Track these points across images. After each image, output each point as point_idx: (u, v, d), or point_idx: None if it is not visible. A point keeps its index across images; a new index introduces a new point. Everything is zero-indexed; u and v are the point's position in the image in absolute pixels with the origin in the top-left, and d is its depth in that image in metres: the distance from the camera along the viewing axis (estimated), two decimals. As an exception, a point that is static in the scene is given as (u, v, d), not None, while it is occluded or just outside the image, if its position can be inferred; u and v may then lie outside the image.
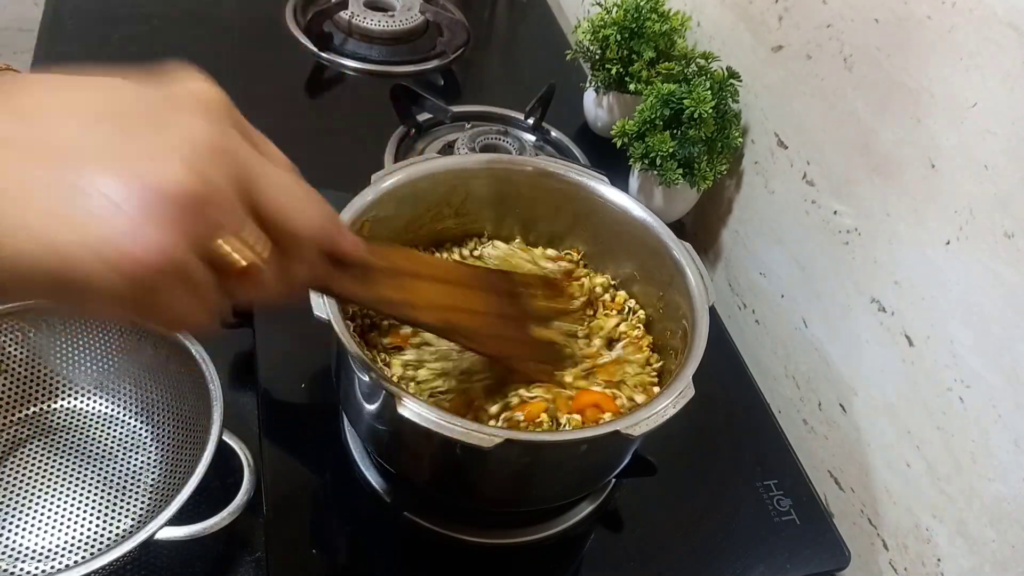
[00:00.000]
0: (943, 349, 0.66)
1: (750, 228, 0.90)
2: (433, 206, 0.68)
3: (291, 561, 0.59)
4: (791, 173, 0.82)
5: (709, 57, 0.88)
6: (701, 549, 0.66)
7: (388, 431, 0.57)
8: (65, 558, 0.59)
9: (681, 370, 0.55)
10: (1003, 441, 0.61)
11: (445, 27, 1.12)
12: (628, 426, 0.50)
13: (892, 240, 0.70)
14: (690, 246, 0.63)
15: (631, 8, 0.89)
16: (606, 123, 0.98)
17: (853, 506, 0.78)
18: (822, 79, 0.77)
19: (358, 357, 0.51)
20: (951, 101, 0.63)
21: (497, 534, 0.63)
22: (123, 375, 0.67)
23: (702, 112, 0.81)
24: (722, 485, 0.71)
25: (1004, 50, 0.58)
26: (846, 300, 0.77)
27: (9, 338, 0.64)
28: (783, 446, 0.75)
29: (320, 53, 1.03)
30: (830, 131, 0.76)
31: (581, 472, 0.59)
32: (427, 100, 0.94)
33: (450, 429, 0.48)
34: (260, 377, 0.69)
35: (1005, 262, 0.60)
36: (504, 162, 0.70)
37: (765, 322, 0.89)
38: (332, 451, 0.66)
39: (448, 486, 0.59)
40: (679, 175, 0.84)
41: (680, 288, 0.62)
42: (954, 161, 0.63)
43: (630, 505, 0.68)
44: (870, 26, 0.70)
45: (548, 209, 0.70)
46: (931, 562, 0.69)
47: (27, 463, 0.63)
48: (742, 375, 0.80)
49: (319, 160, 0.89)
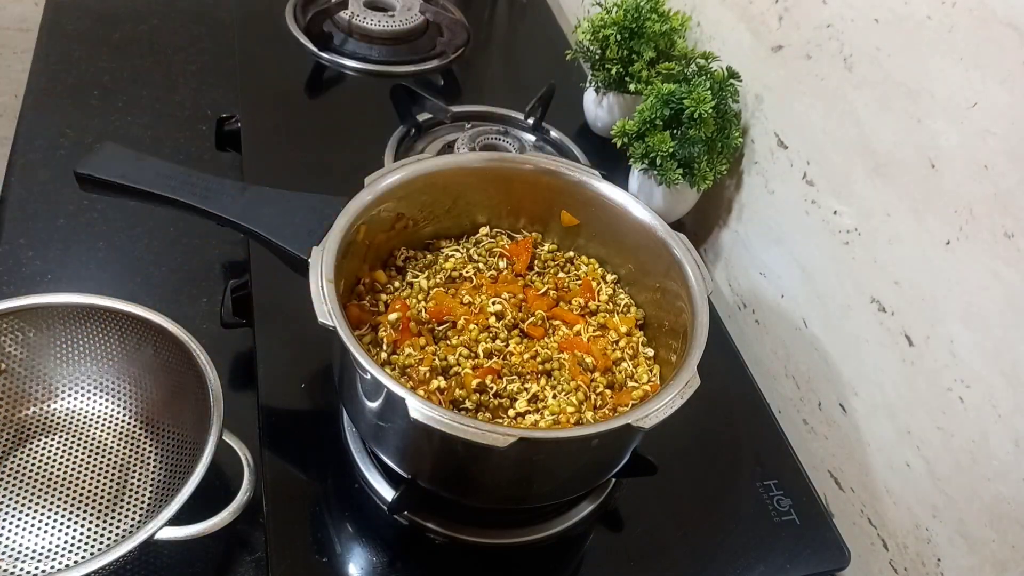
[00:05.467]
0: (943, 349, 0.66)
1: (750, 228, 0.90)
2: (429, 206, 0.68)
3: (291, 561, 0.59)
4: (791, 173, 0.82)
5: (709, 57, 0.88)
6: (701, 549, 0.66)
7: (395, 433, 0.57)
8: (65, 558, 0.59)
9: (685, 360, 0.55)
10: (1003, 441, 0.61)
11: (445, 27, 1.12)
12: (639, 419, 0.51)
13: (892, 240, 0.70)
14: (685, 237, 0.63)
15: (631, 8, 0.89)
16: (606, 123, 0.98)
17: (853, 506, 0.78)
18: (822, 79, 0.77)
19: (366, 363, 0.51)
20: (951, 101, 0.63)
21: (497, 534, 0.64)
22: (123, 375, 0.67)
23: (702, 112, 0.81)
24: (722, 485, 0.71)
25: (1004, 50, 0.58)
26: (846, 300, 0.77)
27: (9, 338, 0.64)
28: (783, 446, 0.75)
29: (320, 53, 1.03)
30: (830, 131, 0.76)
31: (586, 467, 0.59)
32: (427, 100, 0.94)
33: (462, 430, 0.48)
34: (260, 377, 0.69)
35: (1005, 262, 0.60)
36: (498, 159, 0.70)
37: (765, 322, 0.89)
38: (332, 451, 0.66)
39: (456, 484, 0.59)
40: (679, 175, 0.84)
41: (678, 279, 0.62)
42: (954, 161, 0.63)
43: (630, 505, 0.68)
44: (870, 26, 0.70)
45: (544, 206, 0.70)
46: (931, 562, 0.69)
47: (27, 463, 0.63)
48: (742, 375, 0.80)
49: (319, 160, 0.90)
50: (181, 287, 0.80)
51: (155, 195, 0.62)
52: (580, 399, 0.60)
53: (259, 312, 0.72)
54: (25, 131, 0.91)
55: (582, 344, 0.63)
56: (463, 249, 0.70)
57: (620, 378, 0.63)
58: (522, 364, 0.61)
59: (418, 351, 0.61)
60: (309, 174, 0.88)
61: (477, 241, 0.71)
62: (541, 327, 0.65)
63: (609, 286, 0.69)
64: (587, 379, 0.61)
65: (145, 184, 0.62)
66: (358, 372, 0.52)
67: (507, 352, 0.62)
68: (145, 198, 0.63)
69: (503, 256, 0.70)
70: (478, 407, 0.58)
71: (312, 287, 0.54)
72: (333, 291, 0.54)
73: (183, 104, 0.99)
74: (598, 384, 0.62)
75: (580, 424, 0.58)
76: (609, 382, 0.62)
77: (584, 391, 0.60)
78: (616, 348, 0.65)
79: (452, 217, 0.70)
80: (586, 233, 0.71)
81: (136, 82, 1.00)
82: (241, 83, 0.97)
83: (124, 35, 1.06)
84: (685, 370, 0.55)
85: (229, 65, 1.03)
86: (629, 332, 0.66)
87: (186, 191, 0.62)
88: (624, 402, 0.61)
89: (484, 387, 0.59)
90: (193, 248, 0.83)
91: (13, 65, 1.51)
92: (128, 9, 1.10)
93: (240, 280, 0.75)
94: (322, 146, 0.92)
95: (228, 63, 1.03)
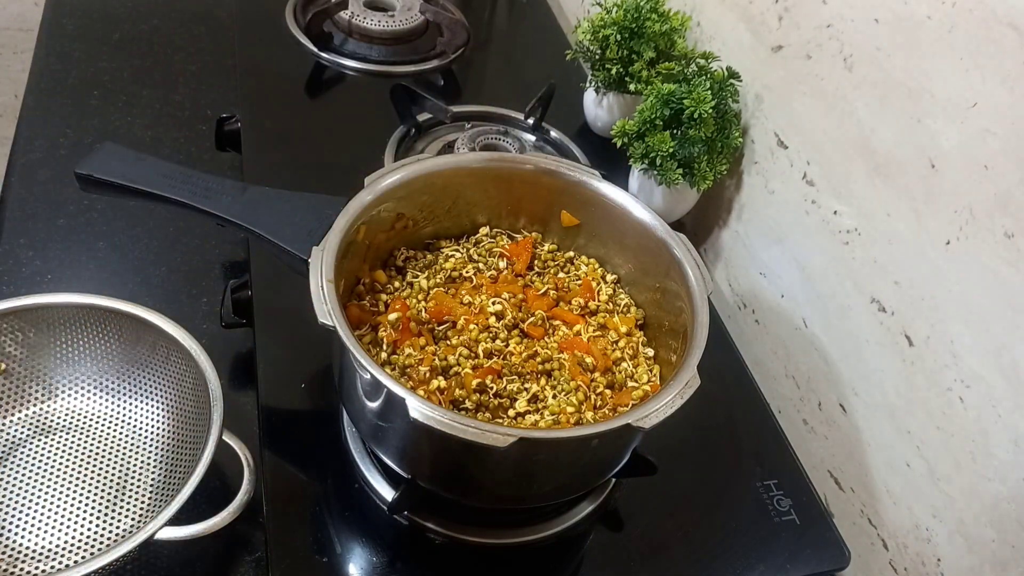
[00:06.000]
0: (943, 349, 0.66)
1: (750, 228, 0.90)
2: (429, 206, 0.68)
3: (291, 561, 0.59)
4: (791, 173, 0.82)
5: (709, 57, 0.88)
6: (701, 549, 0.66)
7: (395, 433, 0.57)
8: (65, 558, 0.59)
9: (685, 360, 0.55)
10: (1003, 441, 0.61)
11: (445, 27, 1.12)
12: (639, 419, 0.51)
13: (892, 240, 0.70)
14: (685, 237, 0.63)
15: (631, 8, 0.89)
16: (606, 123, 0.98)
17: (853, 506, 0.78)
18: (822, 79, 0.77)
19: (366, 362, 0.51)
20: (951, 101, 0.63)
21: (497, 534, 0.64)
22: (123, 375, 0.67)
23: (702, 112, 0.81)
24: (722, 485, 0.71)
25: (1004, 50, 0.58)
26: (846, 300, 0.77)
27: (9, 338, 0.64)
28: (783, 446, 0.75)
29: (320, 53, 1.03)
30: (830, 131, 0.76)
31: (586, 467, 0.59)
32: (427, 100, 0.94)
33: (462, 430, 0.48)
34: (260, 377, 0.69)
35: (1005, 262, 0.60)
36: (498, 159, 0.70)
37: (765, 322, 0.89)
38: (332, 451, 0.66)
39: (456, 484, 0.59)
40: (679, 175, 0.84)
41: (678, 279, 0.62)
42: (954, 161, 0.63)
43: (630, 505, 0.68)
44: (870, 26, 0.70)
45: (544, 206, 0.70)
46: (931, 562, 0.69)
47: (27, 463, 0.63)
48: (742, 375, 0.80)
49: (319, 160, 0.90)
50: (181, 287, 0.80)
51: (155, 195, 0.62)
52: (580, 399, 0.60)
53: (259, 312, 0.72)
54: (25, 131, 0.91)
55: (582, 344, 0.63)
56: (463, 249, 0.70)
57: (620, 378, 0.63)
58: (522, 364, 0.61)
59: (418, 351, 0.61)
60: (309, 174, 0.88)
61: (477, 241, 0.71)
62: (541, 327, 0.65)
63: (609, 286, 0.69)
64: (587, 379, 0.61)
65: (145, 184, 0.62)
66: (358, 372, 0.52)
67: (507, 352, 0.62)
68: (145, 198, 0.63)
69: (503, 256, 0.70)
70: (478, 407, 0.58)
71: (312, 287, 0.54)
72: (333, 291, 0.54)
73: (183, 104, 0.99)
74: (598, 384, 0.62)
75: (580, 424, 0.58)
76: (609, 382, 0.62)
77: (584, 391, 0.60)
78: (616, 348, 0.65)
79: (452, 217, 0.70)
80: (586, 233, 0.71)
81: (136, 82, 1.00)
82: (241, 83, 0.97)
83: (124, 35, 1.06)
84: (685, 370, 0.55)
85: (229, 65, 1.03)
86: (629, 332, 0.66)
87: (186, 191, 0.62)
88: (624, 402, 0.61)
89: (484, 387, 0.59)
90: (193, 248, 0.83)
91: (13, 65, 1.52)
92: (128, 9, 1.10)
93: (240, 280, 0.75)
94: (322, 146, 0.92)
95: (228, 63, 1.03)
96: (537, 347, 0.63)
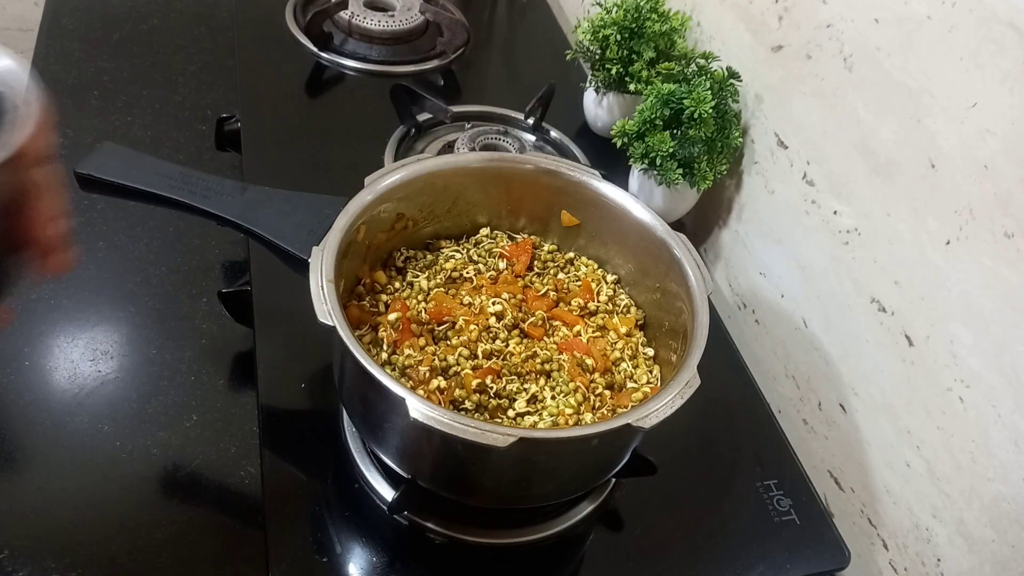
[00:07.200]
0: (943, 349, 0.66)
1: (750, 228, 0.90)
2: (429, 206, 0.68)
3: (291, 561, 0.59)
4: (791, 173, 0.82)
5: (709, 57, 0.88)
6: (701, 549, 0.66)
7: (395, 433, 0.57)
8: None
9: (685, 361, 0.55)
10: (1003, 441, 0.61)
11: (445, 27, 1.12)
12: (639, 419, 0.51)
13: (892, 240, 0.70)
14: (685, 237, 0.63)
15: (631, 8, 0.89)
16: (606, 123, 0.98)
17: (853, 506, 0.78)
18: (822, 79, 0.77)
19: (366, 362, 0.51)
20: (951, 101, 0.63)
21: (497, 534, 0.64)
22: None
23: (702, 112, 0.81)
24: (722, 485, 0.71)
25: (1004, 50, 0.58)
26: (846, 300, 0.77)
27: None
28: (783, 446, 0.75)
29: (320, 53, 1.03)
30: (830, 131, 0.76)
31: (586, 467, 0.59)
32: (427, 100, 0.94)
33: (462, 430, 0.48)
34: (260, 377, 0.69)
35: (1005, 262, 0.60)
36: (498, 159, 0.70)
37: (765, 322, 0.89)
38: (332, 451, 0.66)
39: (456, 484, 0.59)
40: (679, 175, 0.84)
41: (678, 279, 0.62)
42: (954, 161, 0.63)
43: (630, 505, 0.68)
44: (870, 26, 0.70)
45: (544, 206, 0.70)
46: (931, 562, 0.69)
47: None
48: (742, 375, 0.80)
49: (319, 160, 0.90)
50: (181, 287, 0.80)
51: (155, 195, 0.62)
52: (579, 400, 0.60)
53: (259, 312, 0.72)
54: (25, 131, 0.91)
55: (581, 345, 0.63)
56: (463, 250, 0.70)
57: (619, 379, 0.63)
58: (522, 365, 0.61)
59: (418, 351, 0.61)
60: (309, 174, 0.88)
61: (477, 242, 0.71)
62: (541, 328, 0.65)
63: (609, 287, 0.70)
64: (586, 380, 0.61)
65: (145, 184, 0.62)
66: (358, 372, 0.52)
67: (507, 353, 0.62)
68: (145, 198, 0.63)
69: (503, 257, 0.70)
70: (478, 407, 0.58)
71: (312, 287, 0.54)
72: (333, 291, 0.54)
73: (183, 104, 0.99)
74: (597, 385, 0.62)
75: (579, 425, 0.58)
76: (608, 383, 0.62)
77: (583, 392, 0.60)
78: (615, 349, 0.65)
79: (452, 217, 0.71)
80: (586, 233, 0.71)
81: (136, 82, 1.00)
82: (241, 83, 0.97)
83: (124, 35, 1.06)
84: (685, 370, 0.55)
85: (229, 65, 1.03)
86: (629, 333, 0.66)
87: (186, 191, 0.62)
88: (623, 403, 0.61)
89: (484, 387, 0.59)
90: (193, 248, 0.83)
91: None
92: (128, 9, 1.10)
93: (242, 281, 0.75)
94: (322, 146, 0.92)
95: (228, 63, 1.03)
96: (537, 348, 0.63)
